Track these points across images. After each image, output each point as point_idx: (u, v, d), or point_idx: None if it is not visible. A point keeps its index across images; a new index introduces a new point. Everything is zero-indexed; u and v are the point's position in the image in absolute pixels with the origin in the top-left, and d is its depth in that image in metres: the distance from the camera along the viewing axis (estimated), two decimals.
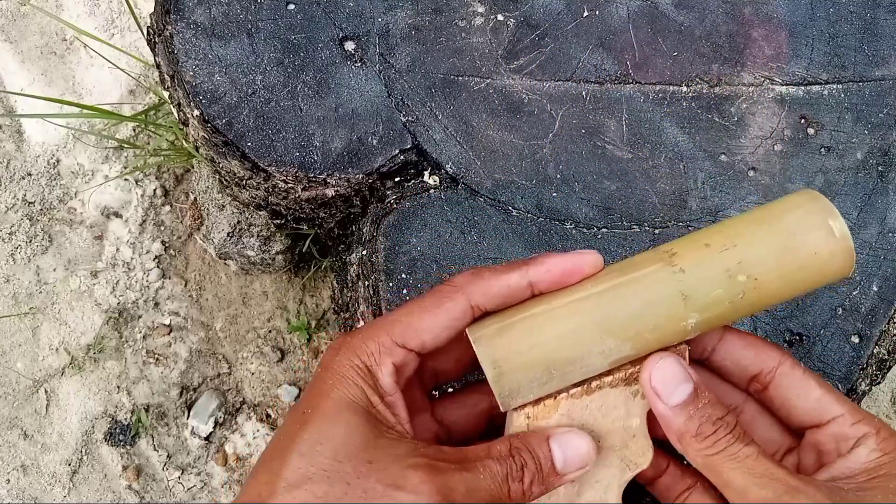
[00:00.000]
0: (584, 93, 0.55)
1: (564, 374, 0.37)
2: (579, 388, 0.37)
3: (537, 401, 0.37)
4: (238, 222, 0.74)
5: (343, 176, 0.52)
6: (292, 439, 0.34)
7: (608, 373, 0.37)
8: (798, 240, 0.35)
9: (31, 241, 0.93)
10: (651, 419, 0.38)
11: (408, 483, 0.32)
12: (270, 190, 0.54)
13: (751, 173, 0.54)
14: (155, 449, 0.87)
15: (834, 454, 0.37)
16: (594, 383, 0.37)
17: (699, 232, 0.38)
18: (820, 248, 0.35)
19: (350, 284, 0.54)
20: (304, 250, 0.78)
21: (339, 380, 0.35)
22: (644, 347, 0.37)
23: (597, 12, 0.56)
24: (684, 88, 0.55)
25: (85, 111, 0.81)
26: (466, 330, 0.38)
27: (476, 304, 0.37)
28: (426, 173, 0.53)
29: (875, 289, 0.52)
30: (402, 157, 0.52)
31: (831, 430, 0.37)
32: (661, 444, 0.39)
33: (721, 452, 0.35)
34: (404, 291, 0.50)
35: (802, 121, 0.55)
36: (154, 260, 0.92)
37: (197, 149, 0.59)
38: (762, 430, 0.40)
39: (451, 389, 0.48)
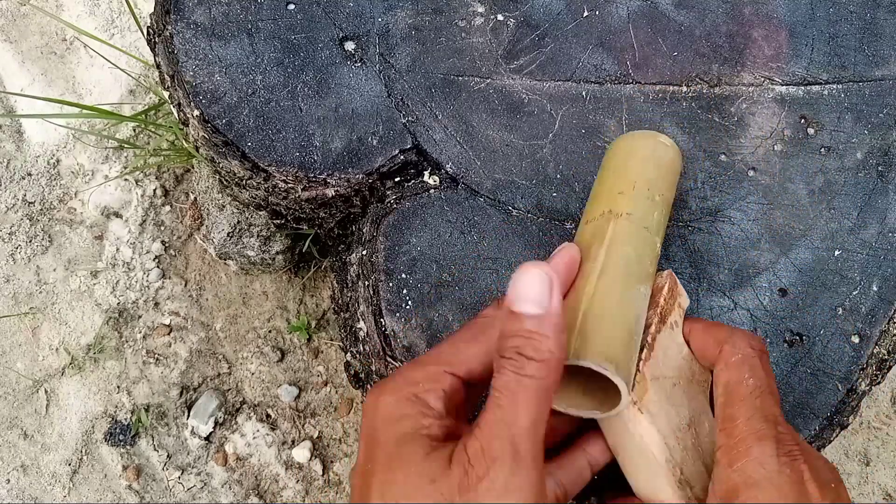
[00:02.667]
0: (584, 93, 0.55)
1: (639, 335, 0.39)
2: (646, 351, 0.40)
3: None
4: (238, 222, 0.74)
5: (343, 176, 0.52)
6: (365, 493, 0.33)
7: (648, 324, 0.41)
8: (658, 157, 0.45)
9: (31, 241, 0.93)
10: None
11: (487, 489, 0.31)
12: (270, 190, 0.54)
13: (751, 173, 0.54)
14: (155, 449, 0.87)
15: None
16: (648, 339, 0.40)
17: (597, 192, 0.45)
18: (669, 156, 0.46)
19: (350, 284, 0.54)
20: (304, 250, 0.78)
21: (388, 422, 0.34)
22: (651, 283, 0.42)
23: (597, 12, 0.56)
24: (684, 88, 0.55)
25: (85, 111, 0.81)
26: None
27: None
28: (426, 173, 0.53)
29: (875, 289, 0.52)
30: (402, 157, 0.52)
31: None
32: None
33: None
34: (404, 291, 0.50)
35: (802, 121, 0.55)
36: (154, 260, 0.92)
37: (197, 149, 0.59)
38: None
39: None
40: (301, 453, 0.86)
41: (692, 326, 0.43)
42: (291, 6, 0.54)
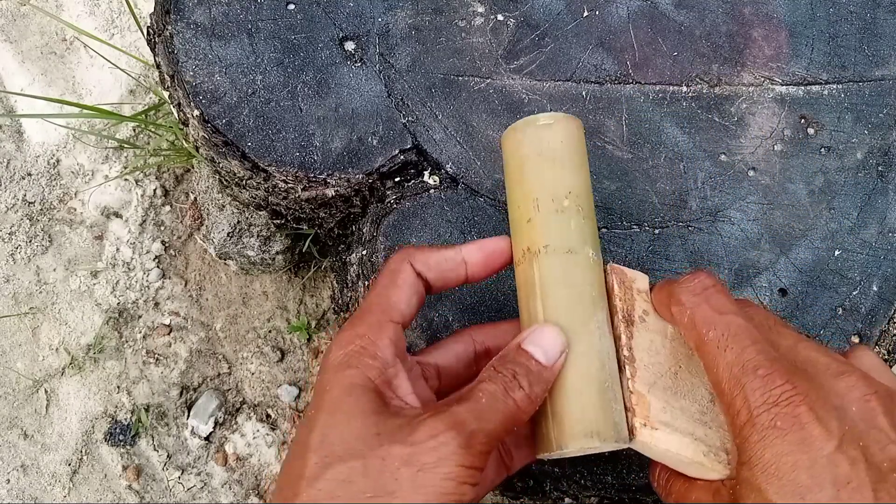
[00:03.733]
0: (584, 93, 0.55)
1: (612, 372, 0.37)
2: (628, 369, 0.38)
3: (628, 402, 0.38)
4: (238, 222, 0.74)
5: (343, 176, 0.52)
6: (305, 442, 0.34)
7: (617, 336, 0.39)
8: (548, 149, 0.40)
9: (31, 241, 0.93)
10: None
11: (419, 432, 0.33)
12: (270, 190, 0.54)
13: (751, 173, 0.54)
14: (155, 449, 0.87)
15: None
16: (625, 352, 0.38)
17: (511, 219, 0.41)
18: (558, 137, 0.40)
19: (350, 284, 0.54)
20: (304, 250, 0.78)
21: (337, 372, 0.36)
22: (604, 301, 0.39)
23: (597, 12, 0.56)
24: (684, 88, 0.55)
25: (85, 111, 0.81)
26: (546, 455, 0.37)
27: (419, 270, 0.39)
28: (426, 173, 0.53)
29: (875, 289, 0.52)
30: (402, 157, 0.52)
31: None
32: None
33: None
34: None
35: (802, 121, 0.55)
36: (154, 260, 0.92)
37: (197, 149, 0.59)
38: None
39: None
40: None
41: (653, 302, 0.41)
42: (291, 6, 0.54)
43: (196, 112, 0.52)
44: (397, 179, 0.53)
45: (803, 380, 0.33)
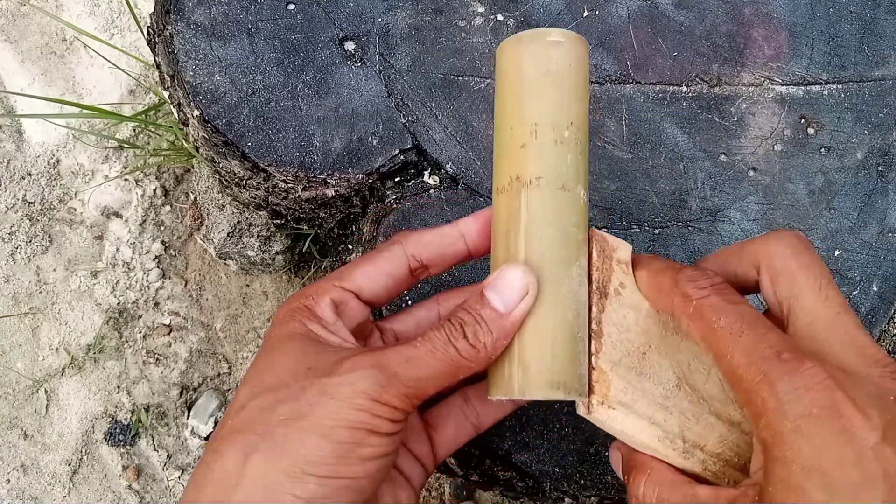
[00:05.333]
0: None
1: (583, 325, 0.36)
2: (593, 343, 0.36)
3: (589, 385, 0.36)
4: (238, 222, 0.74)
5: (343, 176, 0.52)
6: (243, 379, 0.36)
7: (589, 308, 0.36)
8: (556, 71, 0.36)
9: (31, 241, 0.93)
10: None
11: (343, 366, 0.33)
12: (270, 190, 0.54)
13: (751, 173, 0.54)
14: (155, 449, 0.87)
15: None
16: (593, 325, 0.36)
17: (498, 141, 0.38)
18: (568, 57, 0.36)
19: None
20: (304, 250, 0.78)
21: (279, 324, 0.37)
22: (586, 248, 0.37)
23: (597, 12, 0.56)
24: (684, 88, 0.55)
25: (85, 111, 0.81)
26: (502, 396, 0.36)
27: (411, 253, 0.39)
28: (426, 173, 0.53)
29: (875, 289, 0.52)
30: (402, 157, 0.52)
31: None
32: None
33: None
34: (404, 292, 0.50)
35: (802, 121, 0.55)
36: (154, 260, 0.92)
37: (197, 149, 0.59)
38: None
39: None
40: None
41: (638, 277, 0.38)
42: (291, 6, 0.54)
43: (196, 112, 0.52)
44: (397, 179, 0.53)
45: (832, 364, 0.30)
